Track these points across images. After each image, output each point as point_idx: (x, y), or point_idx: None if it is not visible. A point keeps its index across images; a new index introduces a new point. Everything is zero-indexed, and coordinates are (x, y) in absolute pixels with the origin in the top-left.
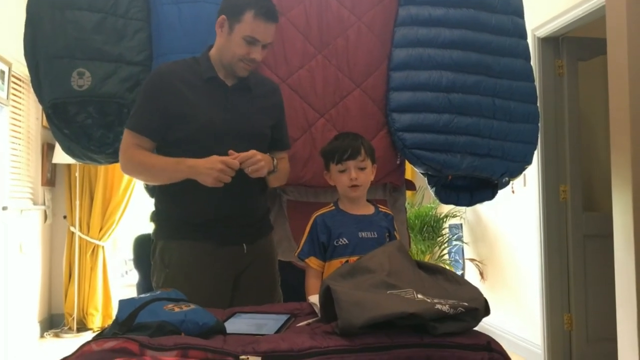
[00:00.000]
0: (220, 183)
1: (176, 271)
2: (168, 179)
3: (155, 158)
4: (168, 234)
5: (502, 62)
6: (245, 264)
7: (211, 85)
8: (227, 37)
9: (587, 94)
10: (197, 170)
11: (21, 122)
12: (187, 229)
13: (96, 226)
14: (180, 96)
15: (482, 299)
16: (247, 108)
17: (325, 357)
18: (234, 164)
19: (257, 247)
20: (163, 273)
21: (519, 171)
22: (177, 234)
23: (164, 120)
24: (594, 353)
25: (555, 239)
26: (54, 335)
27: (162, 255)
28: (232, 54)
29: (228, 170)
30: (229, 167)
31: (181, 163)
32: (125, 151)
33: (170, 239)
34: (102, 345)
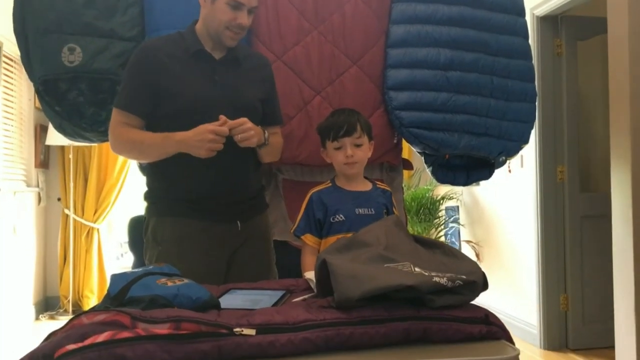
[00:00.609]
0: (213, 153)
1: (169, 248)
2: (158, 155)
3: (144, 135)
4: (161, 211)
5: (500, 39)
6: (240, 242)
7: (198, 59)
8: (211, 6)
9: (585, 74)
10: (187, 144)
11: (13, 103)
12: (180, 206)
13: (91, 208)
14: (166, 71)
15: (480, 273)
16: (236, 81)
17: (321, 329)
18: (222, 131)
19: (252, 224)
20: (156, 250)
21: (516, 150)
22: (170, 211)
23: (152, 96)
24: (590, 333)
25: (552, 219)
26: (49, 317)
27: (155, 232)
28: (218, 22)
29: (218, 138)
30: (218, 135)
31: (170, 138)
32: (114, 130)
33: (163, 216)
34: (92, 318)
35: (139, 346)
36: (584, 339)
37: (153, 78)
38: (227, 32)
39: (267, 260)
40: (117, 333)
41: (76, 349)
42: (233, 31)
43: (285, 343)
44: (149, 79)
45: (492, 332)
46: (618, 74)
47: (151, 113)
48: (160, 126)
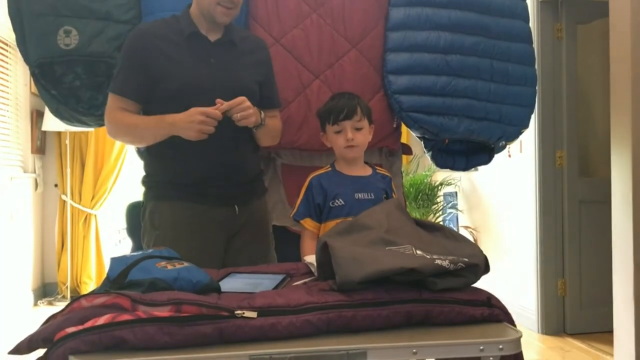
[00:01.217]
0: (203, 135)
1: (166, 232)
2: (152, 139)
3: (138, 118)
4: (158, 195)
5: (501, 23)
6: (238, 226)
7: (193, 42)
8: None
9: (585, 58)
10: (177, 126)
11: (9, 89)
12: (177, 190)
13: (88, 194)
14: (162, 55)
15: (482, 255)
16: (232, 63)
17: (322, 312)
18: (214, 114)
19: (250, 209)
20: (153, 235)
21: (515, 135)
22: (168, 195)
23: (147, 80)
24: (587, 318)
25: (550, 204)
26: (47, 303)
27: (152, 216)
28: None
29: (209, 121)
30: (209, 117)
31: (162, 120)
32: (109, 115)
33: (160, 200)
34: (92, 301)
35: (140, 329)
36: (582, 323)
37: (148, 62)
38: (219, 8)
39: (265, 245)
40: (117, 316)
41: (76, 332)
42: (225, 6)
43: (286, 325)
44: (144, 63)
45: (494, 315)
46: (619, 58)
47: (147, 97)
48: (156, 110)
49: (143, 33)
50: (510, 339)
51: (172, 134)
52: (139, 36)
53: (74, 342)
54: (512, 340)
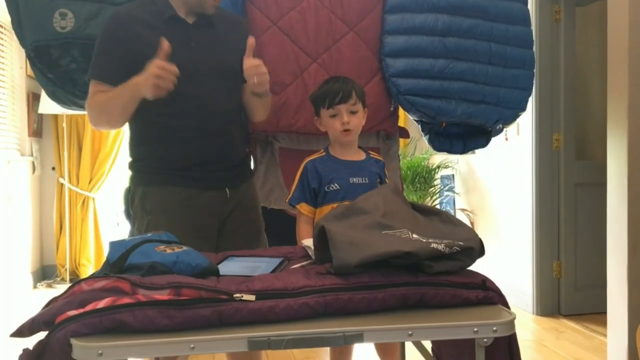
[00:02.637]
0: (161, 91)
1: (159, 217)
2: (121, 107)
3: (107, 93)
4: (147, 180)
5: (499, 5)
6: (229, 210)
7: (172, 25)
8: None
9: (583, 40)
10: (138, 84)
11: (4, 71)
12: (166, 175)
13: (85, 177)
14: (141, 40)
15: (477, 239)
16: (213, 45)
17: (320, 295)
18: (171, 69)
19: (240, 192)
20: (145, 220)
21: (513, 118)
22: (157, 180)
23: (126, 65)
24: (582, 299)
25: (547, 187)
26: (47, 286)
27: (143, 201)
28: None
29: (165, 74)
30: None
31: (126, 83)
32: (88, 102)
33: (150, 185)
34: (92, 284)
35: (140, 312)
36: (576, 305)
37: (127, 47)
38: (210, 0)
39: (256, 229)
40: (117, 299)
41: (77, 315)
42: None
43: (284, 308)
44: (123, 48)
45: (489, 297)
46: (617, 41)
47: None
48: None
49: (121, 17)
50: (504, 321)
51: (136, 96)
52: (117, 20)
53: (75, 325)
54: (505, 322)
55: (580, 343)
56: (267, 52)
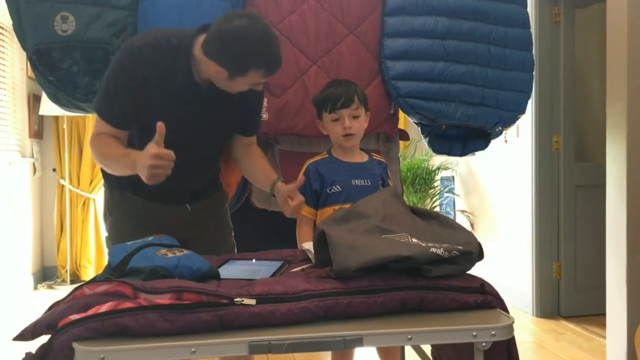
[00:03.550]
0: (158, 178)
1: (120, 220)
2: (122, 171)
3: (112, 150)
4: (112, 184)
5: (499, 8)
6: (190, 220)
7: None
8: (225, 82)
9: (583, 42)
10: (135, 165)
11: (6, 73)
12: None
13: (86, 179)
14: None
15: (476, 243)
16: (219, 104)
17: (320, 299)
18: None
19: (204, 205)
20: (109, 220)
21: (512, 120)
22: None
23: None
24: (581, 301)
25: (546, 189)
26: (47, 287)
27: (108, 204)
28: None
29: (162, 163)
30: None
31: (127, 156)
32: (91, 139)
33: (114, 189)
34: (94, 289)
35: (141, 316)
36: (576, 306)
37: (136, 95)
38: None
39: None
40: (119, 303)
41: (79, 319)
42: None
43: (285, 312)
44: (132, 99)
45: (488, 301)
46: (616, 42)
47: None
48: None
49: (137, 61)
50: (502, 325)
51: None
52: (132, 66)
53: (77, 329)
54: (504, 326)
55: (579, 345)
56: None
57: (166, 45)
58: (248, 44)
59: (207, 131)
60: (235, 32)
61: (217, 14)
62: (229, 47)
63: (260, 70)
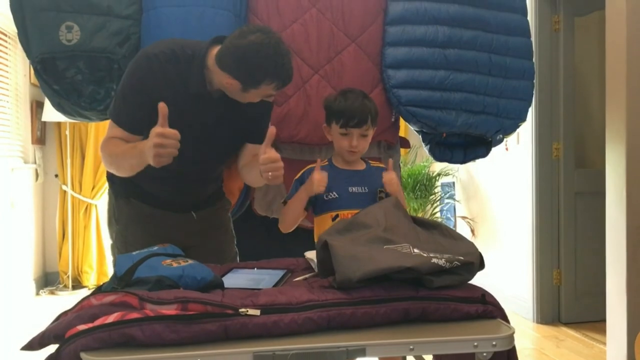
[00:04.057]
0: (165, 159)
1: (126, 228)
2: (130, 168)
3: (120, 147)
4: (119, 192)
5: (499, 17)
6: (196, 229)
7: (198, 98)
8: (238, 93)
9: (582, 50)
10: (143, 152)
11: (9, 79)
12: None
13: (88, 185)
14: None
15: (477, 253)
16: (230, 113)
17: (323, 309)
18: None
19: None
20: (115, 228)
21: (513, 128)
22: (126, 194)
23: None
24: (582, 307)
25: (546, 196)
26: (49, 292)
27: (114, 212)
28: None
29: (168, 142)
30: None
31: (134, 147)
32: (102, 144)
33: (120, 197)
34: (101, 299)
35: (148, 326)
36: (576, 312)
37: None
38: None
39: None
40: (126, 314)
41: (87, 329)
42: None
43: (289, 323)
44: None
45: (488, 311)
46: (615, 50)
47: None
48: None
49: (153, 71)
50: (503, 336)
51: (144, 161)
52: (149, 73)
53: (85, 339)
54: (505, 337)
55: (580, 351)
56: None
57: (181, 54)
58: (262, 58)
59: (218, 140)
60: (249, 46)
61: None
62: (243, 60)
63: (272, 84)
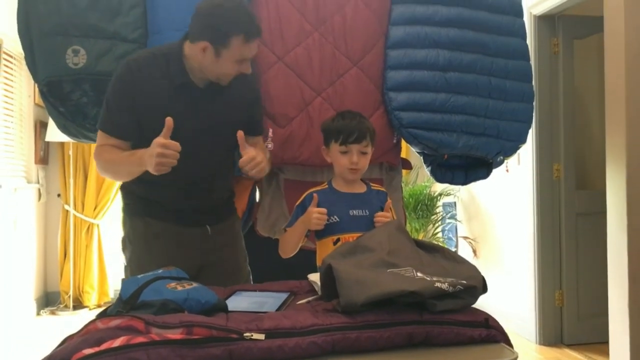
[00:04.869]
0: (164, 168)
1: (141, 248)
2: (128, 174)
3: (115, 154)
4: (133, 211)
5: (499, 40)
6: (210, 246)
7: (183, 89)
8: (214, 61)
9: (582, 72)
10: (143, 159)
11: (13, 100)
12: (150, 208)
13: (91, 204)
14: (150, 100)
15: (479, 277)
16: (219, 109)
17: (328, 334)
18: (174, 145)
19: (222, 227)
20: (129, 250)
21: (513, 150)
22: (141, 212)
23: (135, 122)
24: (584, 328)
25: (548, 216)
26: (50, 312)
27: (128, 232)
28: (222, 74)
29: (169, 153)
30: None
31: (134, 154)
32: (95, 151)
33: (135, 216)
34: (107, 323)
35: (154, 350)
36: (579, 334)
37: (136, 105)
38: (226, 79)
39: (237, 265)
40: (132, 338)
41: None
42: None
43: (293, 347)
44: (132, 106)
45: (492, 336)
46: (614, 72)
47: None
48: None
49: (133, 72)
50: None
51: (142, 168)
52: (129, 74)
53: None
54: None
55: None
56: (273, 86)
57: (158, 54)
58: (226, 11)
59: (209, 138)
60: (213, 7)
61: None
62: (209, 18)
63: (240, 36)
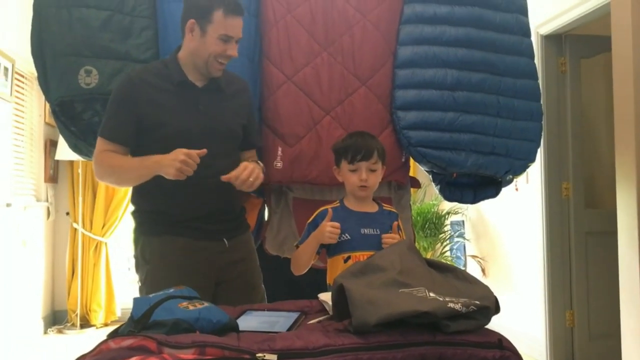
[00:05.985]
0: (182, 175)
1: (157, 266)
2: (136, 178)
3: (122, 159)
4: (147, 230)
5: (507, 60)
6: (227, 260)
7: (182, 89)
8: (201, 39)
9: (589, 91)
10: (160, 163)
11: (24, 119)
12: (165, 224)
13: (99, 223)
14: (151, 102)
15: (492, 297)
16: (219, 109)
17: (340, 354)
18: (195, 157)
19: (238, 243)
20: (145, 269)
21: (522, 169)
22: (157, 230)
23: (137, 126)
24: (596, 349)
25: (557, 235)
26: (57, 331)
27: (143, 250)
28: (209, 54)
29: (191, 163)
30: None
31: (147, 159)
32: (96, 156)
33: (150, 235)
34: (120, 343)
35: None
36: (590, 355)
37: (138, 109)
38: (216, 64)
39: (253, 281)
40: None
41: None
42: (221, 62)
43: None
44: (134, 110)
45: (506, 357)
46: (622, 91)
47: (136, 141)
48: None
49: (132, 80)
50: None
51: (154, 172)
52: (129, 84)
53: None
54: None
55: None
56: (282, 105)
57: (155, 63)
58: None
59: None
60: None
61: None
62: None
63: (220, 10)
